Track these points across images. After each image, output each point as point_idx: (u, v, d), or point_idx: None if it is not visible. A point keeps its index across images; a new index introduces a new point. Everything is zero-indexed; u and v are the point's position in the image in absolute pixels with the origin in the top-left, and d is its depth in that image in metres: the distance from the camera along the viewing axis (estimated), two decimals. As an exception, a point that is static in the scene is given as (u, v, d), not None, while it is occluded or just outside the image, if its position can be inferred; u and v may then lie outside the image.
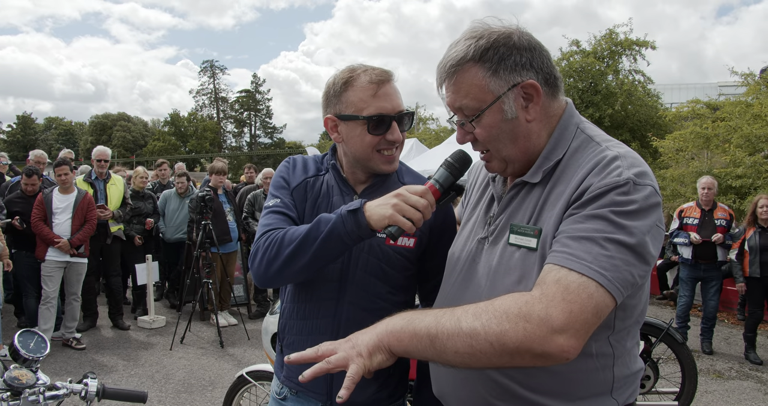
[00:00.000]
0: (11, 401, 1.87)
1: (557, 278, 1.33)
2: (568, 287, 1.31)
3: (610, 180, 1.41)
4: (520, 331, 1.28)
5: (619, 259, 1.34)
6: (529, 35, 1.58)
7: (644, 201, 1.40)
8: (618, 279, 1.34)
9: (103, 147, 8.50)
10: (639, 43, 20.40)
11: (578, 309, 1.29)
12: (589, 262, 1.33)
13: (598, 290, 1.31)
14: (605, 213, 1.37)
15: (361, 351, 1.42)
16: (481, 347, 1.31)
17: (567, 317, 1.28)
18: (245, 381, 4.03)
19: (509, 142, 1.58)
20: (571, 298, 1.29)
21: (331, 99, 1.98)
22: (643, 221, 1.38)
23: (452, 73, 1.57)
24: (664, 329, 5.17)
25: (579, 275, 1.32)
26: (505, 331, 1.29)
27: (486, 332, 1.30)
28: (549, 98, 1.59)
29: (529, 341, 1.27)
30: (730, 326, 9.52)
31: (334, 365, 1.42)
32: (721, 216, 7.86)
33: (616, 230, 1.36)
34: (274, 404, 2.18)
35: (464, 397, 1.65)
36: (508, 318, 1.29)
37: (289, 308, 2.09)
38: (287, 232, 1.81)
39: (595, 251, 1.34)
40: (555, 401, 1.52)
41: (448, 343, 1.34)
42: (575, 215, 1.42)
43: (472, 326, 1.32)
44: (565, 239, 1.40)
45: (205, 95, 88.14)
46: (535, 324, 1.27)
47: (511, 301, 1.33)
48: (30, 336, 2.08)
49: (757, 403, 6.12)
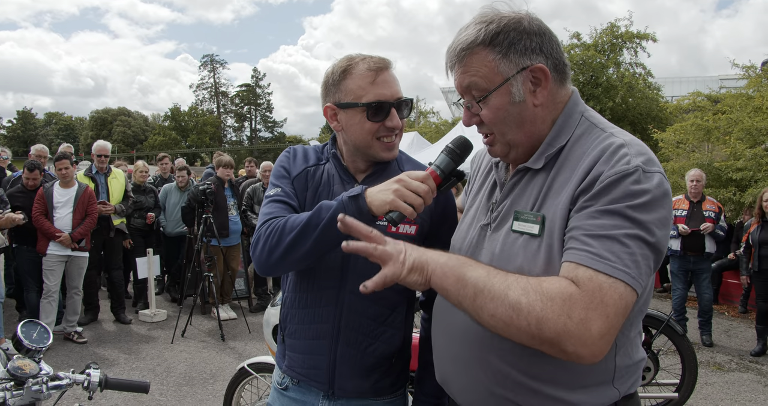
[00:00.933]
0: (15, 390, 1.88)
1: (589, 276, 1.34)
2: (602, 288, 1.32)
3: (619, 168, 1.40)
4: (561, 325, 1.29)
5: (639, 254, 1.36)
6: (539, 21, 1.58)
7: (657, 189, 1.40)
8: (640, 275, 1.36)
9: (103, 142, 8.50)
10: (640, 36, 20.33)
11: (613, 313, 1.31)
12: (614, 262, 1.34)
13: (627, 289, 1.33)
14: (621, 208, 1.38)
15: (406, 261, 1.44)
16: (520, 322, 1.32)
17: (604, 323, 1.30)
18: (246, 373, 4.04)
19: (515, 125, 1.59)
20: (607, 300, 1.31)
21: (330, 88, 1.99)
22: (658, 213, 1.39)
23: (462, 56, 1.57)
24: (664, 320, 5.18)
25: (607, 276, 1.33)
26: (546, 319, 1.30)
27: (529, 311, 1.31)
28: (557, 84, 1.60)
29: (565, 337, 1.29)
30: (730, 318, 9.54)
31: (377, 256, 1.45)
32: (710, 208, 7.92)
33: (634, 226, 1.37)
34: (275, 394, 2.19)
35: (466, 383, 1.66)
36: (552, 307, 1.30)
37: (290, 297, 2.09)
38: (288, 219, 1.81)
39: (617, 249, 1.35)
40: (556, 389, 1.52)
41: (489, 304, 1.36)
42: (589, 208, 1.42)
43: (519, 300, 1.33)
44: (585, 237, 1.40)
45: (206, 90, 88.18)
46: (575, 323, 1.29)
47: (557, 289, 1.33)
48: (33, 327, 2.09)
49: (757, 395, 6.14)
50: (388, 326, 2.02)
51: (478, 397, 1.63)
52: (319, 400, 2.06)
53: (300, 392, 2.09)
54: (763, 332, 7.60)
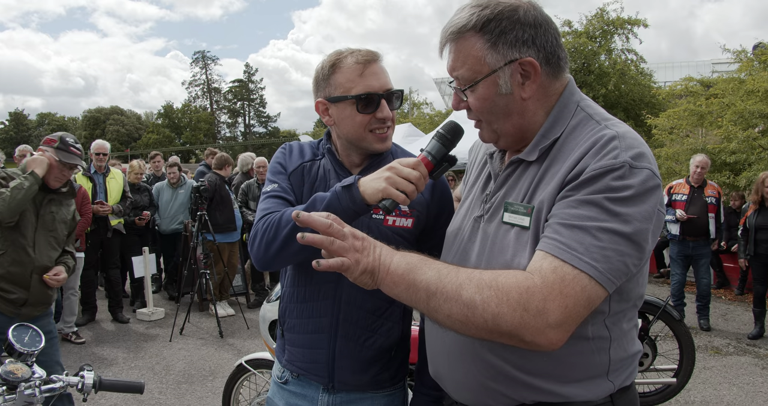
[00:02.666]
0: (7, 395, 1.87)
1: (554, 267, 1.33)
2: (564, 279, 1.31)
3: (605, 162, 1.38)
4: (517, 318, 1.29)
5: (611, 250, 1.33)
6: (538, 10, 1.54)
7: (641, 186, 1.37)
8: (610, 270, 1.33)
9: (101, 141, 8.44)
10: (631, 21, 20.29)
11: (573, 303, 1.30)
12: (581, 253, 1.32)
13: (591, 282, 1.31)
14: (599, 199, 1.35)
15: (360, 262, 1.40)
16: (476, 320, 1.32)
17: (562, 313, 1.29)
18: (244, 370, 4.04)
19: (502, 116, 1.57)
20: (567, 291, 1.30)
21: (320, 83, 2.00)
22: (640, 207, 1.36)
23: (452, 39, 1.55)
24: (661, 306, 5.18)
25: (572, 267, 1.31)
26: (502, 314, 1.30)
27: (484, 308, 1.31)
28: (549, 78, 1.56)
29: (522, 329, 1.30)
30: (727, 302, 9.58)
31: (334, 250, 1.41)
32: (711, 194, 7.93)
33: (609, 218, 1.34)
34: (275, 388, 2.20)
35: (459, 378, 1.65)
36: (508, 302, 1.30)
37: (289, 292, 2.10)
38: (284, 213, 1.81)
39: (587, 241, 1.33)
40: (549, 383, 1.51)
41: (444, 305, 1.35)
42: (568, 198, 1.41)
43: (473, 298, 1.32)
44: (558, 226, 1.38)
45: (198, 86, 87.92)
46: (532, 315, 1.29)
47: (514, 283, 1.32)
48: (24, 330, 2.08)
49: (755, 378, 6.17)
50: (387, 318, 2.03)
51: (471, 391, 1.63)
52: (318, 393, 2.07)
53: (300, 386, 2.10)
54: (760, 315, 7.63)
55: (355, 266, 1.40)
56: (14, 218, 3.55)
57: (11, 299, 3.60)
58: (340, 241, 1.40)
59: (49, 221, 3.79)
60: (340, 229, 1.42)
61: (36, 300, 3.70)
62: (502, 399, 1.57)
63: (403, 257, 1.43)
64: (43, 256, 3.74)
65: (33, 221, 3.70)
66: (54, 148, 3.75)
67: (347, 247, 1.41)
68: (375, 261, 1.41)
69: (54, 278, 3.73)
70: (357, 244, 1.42)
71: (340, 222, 1.44)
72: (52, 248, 3.81)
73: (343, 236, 1.41)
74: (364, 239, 1.44)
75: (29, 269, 3.66)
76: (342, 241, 1.41)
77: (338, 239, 1.41)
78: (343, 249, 1.40)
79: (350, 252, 1.40)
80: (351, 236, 1.42)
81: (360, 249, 1.41)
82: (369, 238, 1.46)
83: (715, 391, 5.83)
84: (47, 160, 3.71)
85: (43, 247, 3.74)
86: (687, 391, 5.50)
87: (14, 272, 3.60)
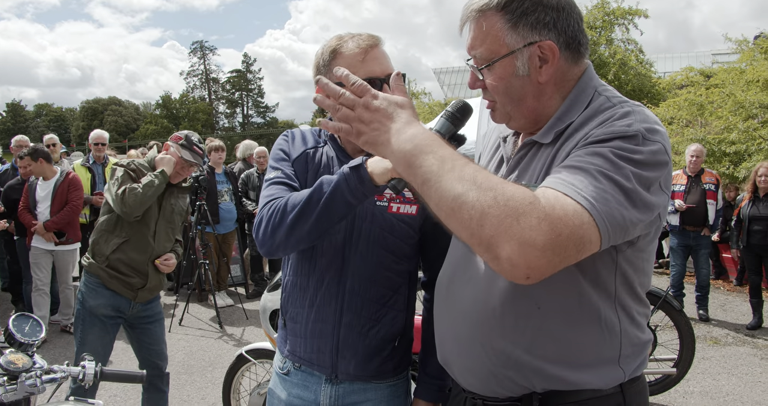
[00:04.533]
0: (8, 385, 1.86)
1: (555, 196, 1.23)
2: (565, 208, 1.20)
3: (617, 128, 1.35)
4: (505, 225, 1.16)
5: (611, 195, 1.25)
6: None
7: (651, 155, 1.33)
8: (607, 214, 1.24)
9: (100, 131, 8.40)
10: (632, 12, 20.25)
11: (567, 234, 1.18)
12: (580, 189, 1.24)
13: (590, 220, 1.22)
14: (605, 151, 1.31)
15: (362, 132, 1.40)
16: (462, 214, 1.22)
17: (553, 239, 1.17)
18: (245, 360, 4.03)
19: (517, 98, 1.54)
20: (566, 220, 1.19)
21: (321, 69, 1.98)
22: (645, 172, 1.31)
23: (473, 17, 1.52)
24: (662, 296, 5.19)
25: (573, 200, 1.22)
26: (491, 215, 1.18)
27: (473, 205, 1.20)
28: (567, 62, 1.53)
29: (504, 238, 1.16)
30: (726, 293, 9.59)
31: (338, 118, 1.42)
32: (709, 180, 7.94)
33: (612, 169, 1.28)
34: (276, 379, 2.18)
35: (468, 365, 1.64)
36: (505, 206, 1.17)
37: (291, 281, 2.08)
38: (289, 198, 1.79)
39: (588, 180, 1.26)
40: (560, 368, 1.50)
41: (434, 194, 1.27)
42: (574, 152, 1.38)
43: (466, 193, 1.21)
44: (559, 168, 1.34)
45: (196, 76, 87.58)
46: (521, 227, 1.16)
47: (520, 194, 1.20)
48: (25, 320, 2.07)
49: (754, 368, 6.19)
50: (390, 307, 2.02)
51: (480, 377, 1.61)
52: (321, 384, 2.05)
53: (302, 377, 2.09)
54: (758, 306, 7.65)
55: (356, 136, 1.41)
56: (141, 212, 3.80)
57: (131, 282, 3.86)
58: (347, 109, 1.41)
59: (168, 213, 4.06)
60: (351, 98, 1.41)
61: (152, 285, 3.97)
62: (511, 386, 1.56)
63: (410, 140, 1.33)
64: (161, 245, 4.01)
65: (156, 212, 3.97)
66: (179, 145, 4.01)
67: (352, 116, 1.41)
68: (380, 137, 1.38)
69: (165, 262, 4.01)
70: (365, 115, 1.40)
71: (364, 90, 1.41)
72: (168, 238, 4.09)
73: (352, 105, 1.41)
74: (377, 110, 1.39)
75: (149, 256, 3.93)
76: (350, 110, 1.41)
77: (347, 106, 1.41)
78: (347, 118, 1.41)
79: (355, 121, 1.40)
80: (362, 107, 1.40)
81: (367, 121, 1.39)
82: (387, 111, 1.39)
83: (715, 381, 5.84)
84: (174, 160, 3.96)
85: (162, 236, 4.02)
86: (686, 381, 5.50)
87: (136, 259, 3.86)
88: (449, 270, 1.75)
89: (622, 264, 1.47)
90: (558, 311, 1.48)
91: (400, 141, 1.34)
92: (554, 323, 1.49)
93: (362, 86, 1.41)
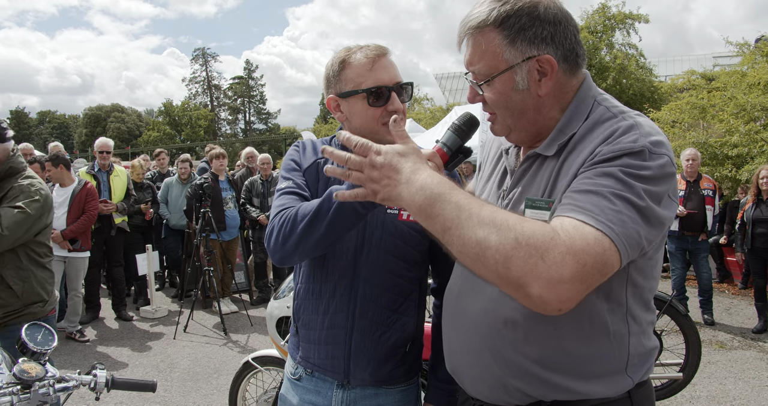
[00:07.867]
0: (21, 394, 1.87)
1: (574, 225, 1.26)
2: (585, 237, 1.23)
3: (624, 145, 1.37)
4: (531, 265, 1.20)
5: (626, 215, 1.29)
6: (557, 7, 1.52)
7: (659, 169, 1.36)
8: (626, 236, 1.27)
9: (105, 139, 8.39)
10: (632, 16, 20.28)
11: (591, 263, 1.22)
12: (597, 214, 1.27)
13: (611, 246, 1.25)
14: (615, 171, 1.33)
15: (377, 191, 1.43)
16: (487, 260, 1.24)
17: (579, 271, 1.20)
18: (251, 367, 4.04)
19: (517, 111, 1.56)
20: (588, 250, 1.22)
21: (330, 80, 2.02)
22: (655, 188, 1.34)
23: (470, 34, 1.54)
24: (666, 301, 5.18)
25: (592, 227, 1.25)
26: (516, 258, 1.21)
27: (497, 249, 1.22)
28: (566, 75, 1.55)
29: (533, 278, 1.19)
30: (731, 296, 9.58)
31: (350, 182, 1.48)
32: (707, 186, 7.97)
33: (624, 188, 1.31)
34: (288, 385, 2.20)
35: (477, 374, 1.65)
36: (527, 247, 1.21)
37: (303, 288, 2.10)
38: (300, 208, 1.81)
39: (603, 204, 1.29)
40: (569, 379, 1.51)
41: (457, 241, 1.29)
42: (584, 173, 1.39)
43: (488, 237, 1.23)
44: (572, 193, 1.36)
45: (198, 83, 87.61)
46: (547, 265, 1.19)
47: (540, 231, 1.23)
48: (37, 329, 2.07)
49: (761, 372, 6.17)
50: (402, 313, 2.04)
51: (489, 387, 1.62)
52: (333, 389, 2.07)
53: (314, 382, 2.11)
54: (763, 309, 7.64)
55: (373, 196, 1.44)
56: None
57: None
58: (357, 172, 1.44)
59: None
60: (357, 160, 1.45)
61: None
62: (519, 396, 1.57)
63: (422, 190, 1.35)
64: None
65: None
66: None
67: (363, 178, 1.44)
68: (392, 191, 1.41)
69: None
70: (374, 174, 1.43)
71: (366, 149, 1.45)
72: None
73: (360, 167, 1.44)
74: (382, 166, 1.42)
75: None
76: (359, 172, 1.44)
77: (355, 170, 1.44)
78: (359, 180, 1.44)
79: (367, 182, 1.43)
80: (369, 166, 1.43)
81: (377, 179, 1.42)
82: (392, 164, 1.42)
83: (721, 385, 5.83)
84: None
85: None
86: (693, 386, 5.50)
87: None
88: (458, 281, 1.76)
89: (633, 274, 1.48)
90: (570, 327, 1.49)
91: (412, 193, 1.37)
92: (567, 338, 1.50)
93: (364, 145, 1.45)
